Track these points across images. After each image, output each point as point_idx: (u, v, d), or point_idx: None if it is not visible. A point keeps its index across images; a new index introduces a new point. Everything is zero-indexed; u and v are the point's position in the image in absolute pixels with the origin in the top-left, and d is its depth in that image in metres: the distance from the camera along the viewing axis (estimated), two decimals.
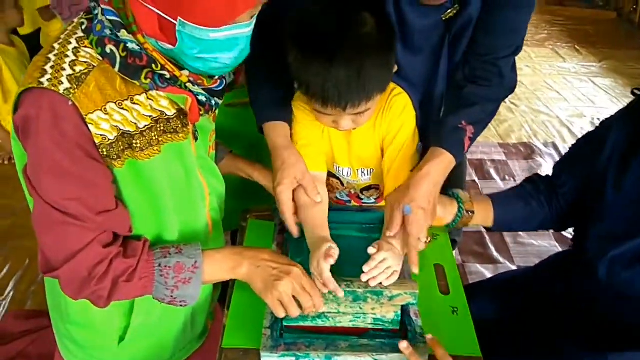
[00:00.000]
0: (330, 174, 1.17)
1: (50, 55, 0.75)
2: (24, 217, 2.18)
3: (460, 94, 1.07)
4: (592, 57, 4.26)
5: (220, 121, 1.02)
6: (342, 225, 1.12)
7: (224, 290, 1.06)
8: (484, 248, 2.20)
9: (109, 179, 0.78)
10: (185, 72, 0.81)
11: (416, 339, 0.89)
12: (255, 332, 0.90)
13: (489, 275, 2.06)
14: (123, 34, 0.75)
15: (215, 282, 0.93)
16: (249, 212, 1.23)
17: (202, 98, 0.84)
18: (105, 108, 0.76)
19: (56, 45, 0.77)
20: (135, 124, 0.79)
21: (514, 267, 2.11)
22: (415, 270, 0.93)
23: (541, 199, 1.12)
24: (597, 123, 1.07)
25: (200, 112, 0.85)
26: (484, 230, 2.23)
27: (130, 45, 0.76)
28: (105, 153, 0.76)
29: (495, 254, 2.17)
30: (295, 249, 1.06)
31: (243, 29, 0.76)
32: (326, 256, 0.89)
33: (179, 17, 0.71)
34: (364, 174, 1.15)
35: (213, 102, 0.87)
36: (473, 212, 1.09)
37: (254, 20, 0.78)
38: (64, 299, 0.91)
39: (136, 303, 0.90)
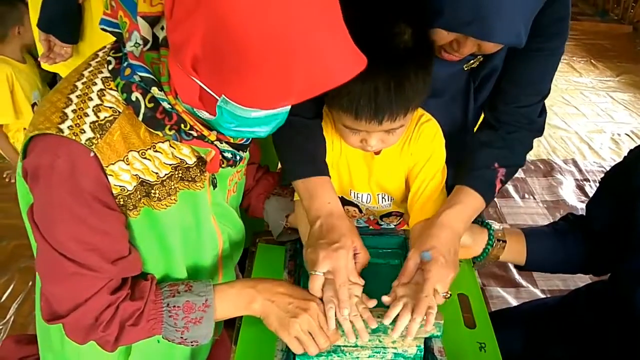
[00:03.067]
0: (346, 202, 1.10)
1: (72, 96, 0.70)
2: (30, 238, 2.18)
3: (490, 137, 1.04)
4: (609, 71, 4.19)
5: None
6: None
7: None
8: (505, 270, 2.12)
9: (123, 225, 0.75)
10: (214, 132, 0.76)
11: None
12: None
13: (511, 299, 1.98)
14: (155, 92, 0.69)
15: (227, 318, 0.87)
16: (258, 236, 1.18)
17: (228, 155, 0.80)
18: (127, 157, 0.72)
19: (79, 85, 0.71)
20: (157, 173, 0.75)
21: (537, 291, 2.03)
22: (428, 328, 0.81)
23: (577, 236, 1.05)
24: (618, 139, 1.02)
25: (222, 165, 0.80)
26: None
27: (162, 103, 0.70)
28: (121, 203, 0.73)
29: (517, 277, 2.09)
30: (307, 276, 0.99)
31: (284, 107, 0.71)
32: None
33: (224, 95, 0.65)
34: (385, 200, 1.09)
35: (238, 157, 0.82)
36: (505, 242, 1.02)
37: None
38: (56, 336, 0.86)
39: (133, 349, 0.86)
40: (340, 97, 0.84)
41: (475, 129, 1.17)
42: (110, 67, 0.72)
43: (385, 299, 0.84)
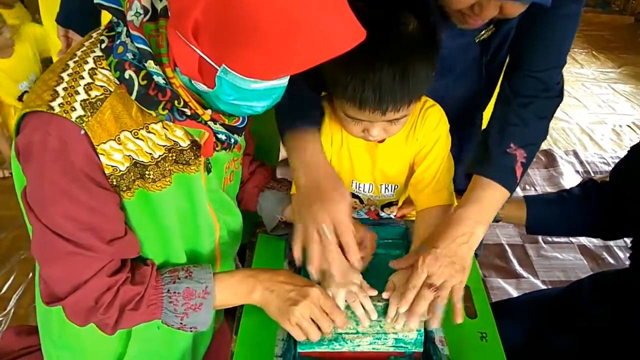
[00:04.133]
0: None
1: (64, 75, 0.69)
2: (27, 222, 2.17)
3: (504, 114, 0.96)
4: (611, 62, 4.18)
5: None
6: None
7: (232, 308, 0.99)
8: (506, 262, 2.11)
9: (118, 205, 0.74)
10: (208, 111, 0.75)
11: None
12: None
13: (511, 290, 1.98)
14: (150, 65, 0.68)
15: (227, 307, 0.88)
16: (258, 227, 1.16)
17: (222, 136, 0.79)
18: (119, 137, 0.71)
19: (71, 64, 0.71)
20: (151, 154, 0.74)
21: (537, 282, 2.03)
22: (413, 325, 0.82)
23: (592, 202, 1.04)
24: (619, 130, 1.00)
25: (217, 149, 0.79)
26: (505, 242, 2.18)
27: (156, 78, 0.69)
28: (114, 183, 0.72)
29: (518, 267, 2.09)
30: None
31: (283, 80, 0.70)
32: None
33: (224, 64, 0.64)
34: (388, 190, 1.08)
35: (232, 140, 0.81)
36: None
37: None
38: (56, 322, 0.86)
39: (134, 330, 0.85)
40: (344, 86, 0.83)
41: (486, 107, 1.15)
42: (103, 45, 0.71)
43: (385, 295, 0.84)
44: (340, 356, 0.86)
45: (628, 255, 1.05)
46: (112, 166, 0.71)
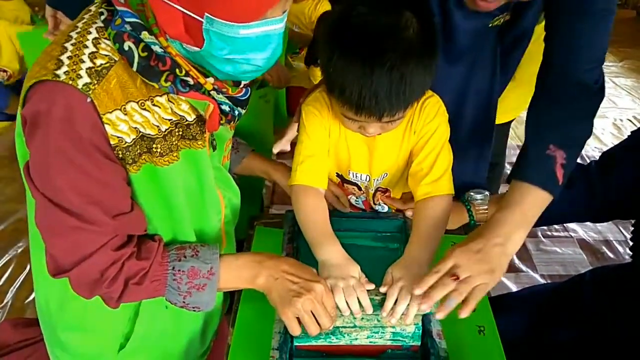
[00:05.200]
0: (345, 181, 1.09)
1: (67, 45, 0.69)
2: (28, 201, 2.16)
3: (541, 115, 0.91)
4: (612, 56, 4.16)
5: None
6: (355, 233, 1.05)
7: (229, 304, 1.00)
8: None
9: (124, 180, 0.73)
10: (211, 80, 0.75)
11: None
12: (262, 354, 0.83)
13: (510, 284, 1.97)
14: (145, 36, 0.69)
15: (231, 290, 0.87)
16: (256, 219, 1.16)
17: (226, 108, 0.79)
18: (125, 107, 0.70)
19: (73, 34, 0.70)
20: (158, 127, 0.74)
21: (537, 276, 2.02)
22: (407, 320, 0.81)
23: (579, 188, 1.03)
24: (620, 124, 0.99)
25: (221, 122, 0.79)
26: None
27: (154, 48, 0.70)
28: (120, 156, 0.71)
29: (517, 262, 2.08)
30: (306, 260, 0.96)
31: (275, 25, 0.69)
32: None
33: (206, 13, 0.64)
34: (379, 180, 1.07)
35: (236, 112, 0.82)
36: (486, 208, 1.03)
37: (285, 16, 0.72)
38: (59, 302, 0.85)
39: (142, 309, 0.85)
40: (341, 91, 0.83)
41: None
42: (103, 17, 0.71)
43: (383, 290, 0.83)
44: (338, 349, 0.85)
45: (628, 248, 1.05)
46: (118, 137, 0.70)
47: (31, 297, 1.82)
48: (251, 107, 1.24)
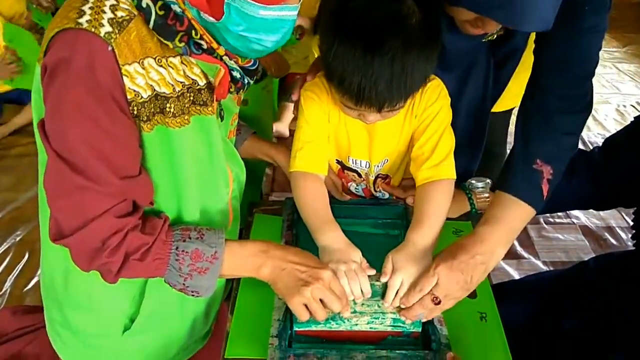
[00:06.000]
0: (346, 167, 1.08)
1: None
2: (27, 209, 2.17)
3: (528, 130, 0.91)
4: (615, 42, 4.11)
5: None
6: (356, 220, 1.04)
7: (229, 289, 1.00)
8: None
9: (137, 141, 0.73)
10: (222, 47, 0.76)
11: (441, 350, 0.80)
12: (261, 341, 0.82)
13: (512, 271, 1.96)
14: None
15: (233, 277, 0.87)
16: (255, 207, 1.15)
17: (237, 74, 0.80)
18: (143, 62, 0.71)
19: None
20: (173, 86, 0.74)
21: (538, 263, 2.01)
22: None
23: (582, 175, 1.02)
24: (623, 110, 0.97)
25: (231, 90, 0.81)
26: None
27: (173, 7, 0.71)
28: (135, 112, 0.71)
29: (518, 248, 2.07)
30: (305, 247, 0.95)
31: (291, 12, 0.72)
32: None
33: None
34: (379, 166, 1.06)
35: (246, 81, 0.83)
36: (487, 196, 1.03)
37: (299, 5, 0.74)
38: (63, 277, 0.85)
39: (147, 289, 0.85)
40: (340, 81, 0.82)
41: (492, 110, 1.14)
42: None
43: (383, 279, 0.82)
44: (337, 335, 0.84)
45: (631, 236, 1.03)
46: (135, 91, 0.70)
47: (30, 285, 1.82)
48: (253, 98, 1.24)
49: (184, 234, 0.78)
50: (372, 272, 0.83)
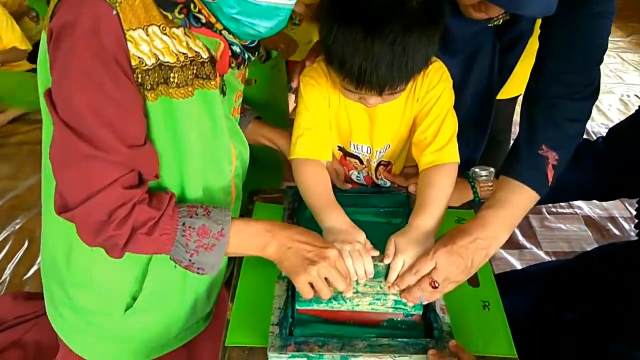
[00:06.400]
0: (348, 153, 1.06)
1: None
2: (26, 197, 2.16)
3: (533, 116, 0.91)
4: (620, 31, 4.09)
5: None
6: (358, 209, 1.02)
7: (231, 274, 0.99)
8: None
9: (141, 109, 0.73)
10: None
11: (443, 337, 0.80)
12: (261, 329, 0.82)
13: (514, 261, 1.95)
14: None
15: (239, 255, 0.87)
16: (256, 194, 1.15)
17: (236, 49, 0.79)
18: (147, 29, 0.71)
19: None
20: (177, 55, 0.74)
21: (541, 253, 2.00)
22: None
23: (586, 165, 1.01)
24: (627, 100, 0.96)
25: (232, 65, 0.80)
26: None
27: None
28: (139, 80, 0.71)
29: (520, 238, 2.06)
30: None
31: (288, 0, 0.71)
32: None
33: None
34: (381, 152, 1.05)
35: (246, 56, 0.82)
36: (491, 185, 1.03)
37: None
38: (66, 257, 0.85)
39: (150, 268, 0.85)
40: (341, 66, 0.81)
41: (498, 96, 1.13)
42: None
43: (386, 261, 0.83)
44: (338, 316, 0.84)
45: (634, 225, 1.02)
46: (139, 57, 0.70)
47: (30, 273, 1.81)
48: (261, 77, 1.22)
49: (190, 211, 0.77)
50: (376, 253, 0.84)
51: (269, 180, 1.13)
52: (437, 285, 0.80)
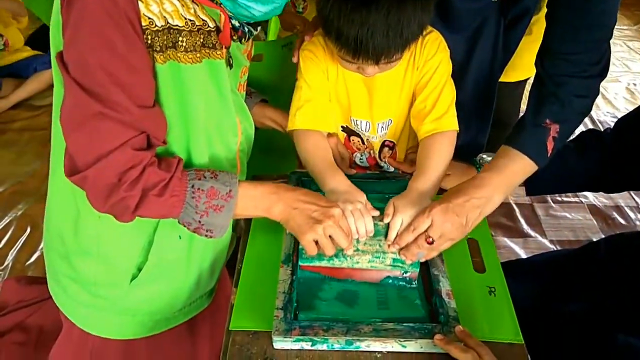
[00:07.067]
0: (351, 132, 1.06)
1: None
2: (28, 183, 2.16)
3: (540, 93, 0.91)
4: (626, 19, 4.04)
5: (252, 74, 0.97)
6: None
7: (233, 258, 0.98)
8: (513, 221, 2.07)
9: (151, 70, 0.74)
10: None
11: (449, 322, 0.79)
12: (265, 313, 0.81)
13: (518, 249, 1.94)
14: None
15: (246, 217, 0.89)
16: (259, 179, 1.13)
17: (235, 23, 0.80)
18: None
19: None
20: (185, 19, 0.74)
21: (545, 241, 1.99)
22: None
23: (593, 157, 1.00)
24: (634, 89, 0.95)
25: (233, 37, 0.81)
26: (512, 201, 2.14)
27: None
28: (149, 42, 0.72)
29: (525, 227, 2.05)
30: None
31: None
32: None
33: None
34: (383, 129, 1.05)
35: (246, 29, 0.83)
36: None
37: None
38: (74, 226, 0.86)
39: (156, 238, 0.86)
40: (337, 37, 0.82)
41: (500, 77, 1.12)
42: None
43: (386, 220, 0.86)
44: (338, 273, 0.88)
45: None
46: (149, 18, 0.70)
47: (32, 259, 1.81)
48: (272, 57, 1.20)
49: (198, 174, 0.78)
50: (376, 213, 0.87)
51: (280, 167, 1.12)
52: (432, 241, 0.82)
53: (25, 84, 2.66)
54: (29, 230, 1.91)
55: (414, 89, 0.98)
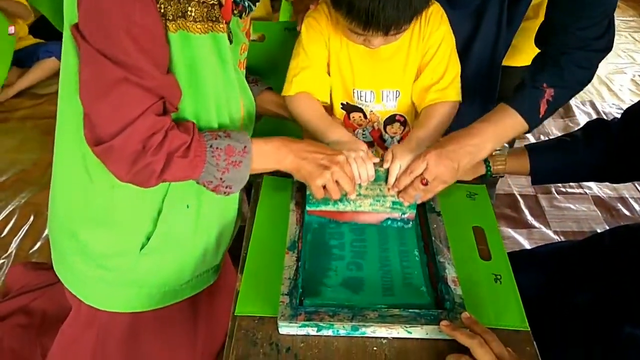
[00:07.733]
0: (351, 107, 1.06)
1: None
2: (31, 171, 2.15)
3: (542, 62, 0.94)
4: (632, 10, 4.01)
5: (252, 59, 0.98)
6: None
7: (237, 247, 0.97)
8: (517, 212, 2.07)
9: (165, 39, 0.75)
10: None
11: (455, 309, 0.79)
12: (271, 299, 0.81)
13: (522, 240, 1.94)
14: None
15: (261, 171, 0.92)
16: None
17: None
18: None
19: None
20: None
21: (549, 232, 1.98)
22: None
23: (599, 146, 1.00)
24: (639, 80, 0.94)
25: (234, 12, 0.83)
26: (517, 192, 2.13)
27: None
28: (162, 10, 0.73)
29: (529, 218, 2.04)
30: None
31: None
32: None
33: None
34: (389, 99, 1.04)
35: (246, 4, 0.86)
36: (504, 160, 1.04)
37: None
38: (84, 195, 0.87)
39: (165, 206, 0.89)
40: (349, 10, 0.83)
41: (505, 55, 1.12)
42: None
43: (386, 166, 0.91)
44: (342, 216, 0.97)
45: None
46: None
47: (36, 247, 1.81)
48: (274, 39, 1.18)
49: (213, 134, 0.82)
50: (376, 160, 0.92)
51: None
52: (426, 182, 0.89)
53: (28, 73, 2.65)
54: (32, 218, 1.91)
55: (419, 61, 0.99)
